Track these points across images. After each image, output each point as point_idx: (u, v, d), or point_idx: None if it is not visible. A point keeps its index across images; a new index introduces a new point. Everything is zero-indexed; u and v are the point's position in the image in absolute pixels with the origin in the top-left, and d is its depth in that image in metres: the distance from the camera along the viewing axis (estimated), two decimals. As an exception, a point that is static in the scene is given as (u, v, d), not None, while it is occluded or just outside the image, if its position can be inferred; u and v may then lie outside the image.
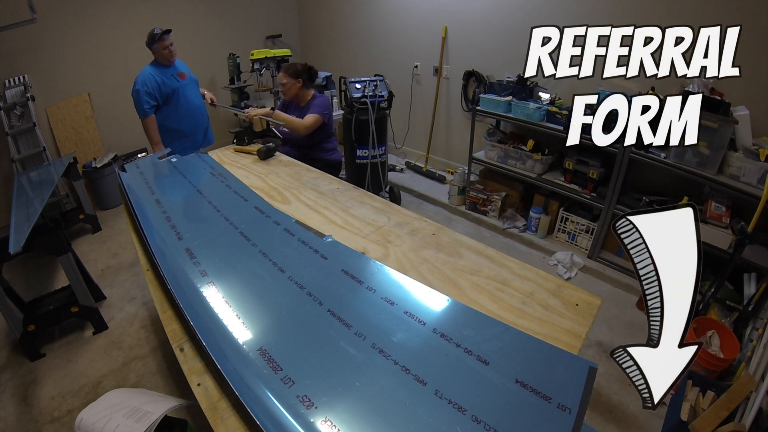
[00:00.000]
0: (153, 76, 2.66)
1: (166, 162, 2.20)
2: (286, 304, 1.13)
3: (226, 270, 1.29)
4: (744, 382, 1.54)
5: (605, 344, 2.16)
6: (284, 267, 1.26)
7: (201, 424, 1.58)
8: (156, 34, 2.63)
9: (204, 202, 1.74)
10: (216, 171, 2.05)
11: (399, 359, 0.92)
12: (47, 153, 3.31)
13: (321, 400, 0.84)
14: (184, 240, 1.44)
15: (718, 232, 2.18)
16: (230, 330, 1.04)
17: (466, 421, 0.78)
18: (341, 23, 4.52)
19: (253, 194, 1.76)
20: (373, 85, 3.14)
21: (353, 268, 1.24)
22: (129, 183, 1.92)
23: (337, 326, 1.03)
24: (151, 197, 1.79)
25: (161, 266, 1.26)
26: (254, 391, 0.86)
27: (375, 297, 1.12)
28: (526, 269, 1.26)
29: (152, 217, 1.61)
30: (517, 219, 3.20)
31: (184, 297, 1.15)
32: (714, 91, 2.21)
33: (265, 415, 0.81)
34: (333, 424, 0.79)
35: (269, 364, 0.93)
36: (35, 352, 2.12)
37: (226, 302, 1.14)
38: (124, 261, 2.97)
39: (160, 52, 2.67)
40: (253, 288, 1.20)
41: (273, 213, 1.59)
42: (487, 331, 0.99)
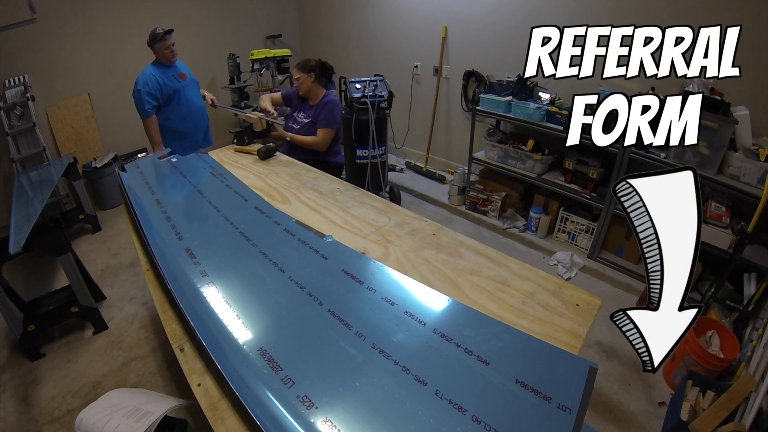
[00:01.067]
0: (154, 77, 2.66)
1: (167, 162, 2.20)
2: (286, 304, 1.12)
3: (226, 270, 1.29)
4: (744, 382, 1.54)
5: (605, 344, 2.16)
6: (284, 267, 1.26)
7: (201, 424, 1.58)
8: (158, 34, 2.62)
9: (204, 202, 1.74)
10: (216, 171, 2.05)
11: (399, 359, 0.92)
12: (47, 153, 3.31)
13: (321, 401, 0.84)
14: (185, 240, 1.44)
15: (718, 232, 2.18)
16: (230, 330, 1.04)
17: (466, 421, 0.78)
18: (341, 23, 4.52)
19: (253, 194, 1.76)
20: (373, 85, 3.14)
21: (353, 268, 1.24)
22: (129, 183, 1.91)
23: (338, 326, 1.02)
24: (151, 197, 1.79)
25: (161, 266, 1.26)
26: (254, 391, 0.86)
27: (375, 297, 1.12)
28: (526, 269, 1.26)
29: (152, 217, 1.61)
30: (517, 219, 3.20)
31: (184, 297, 1.14)
32: (714, 91, 2.21)
33: (265, 415, 0.81)
34: (333, 425, 0.79)
35: (269, 365, 0.93)
36: (35, 352, 2.12)
37: (226, 302, 1.14)
38: (124, 261, 2.97)
39: (162, 51, 2.66)
40: (254, 288, 1.20)
41: (273, 213, 1.59)
42: (488, 331, 0.99)
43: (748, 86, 2.15)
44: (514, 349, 0.94)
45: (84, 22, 3.48)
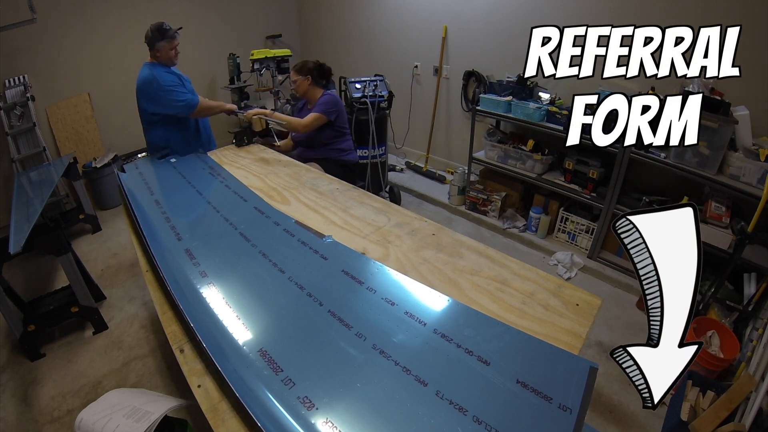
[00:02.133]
0: (165, 73, 2.38)
1: (166, 162, 2.20)
2: (286, 305, 1.12)
3: (225, 270, 1.29)
4: (744, 382, 1.54)
5: (605, 344, 2.16)
6: (284, 267, 1.26)
7: (201, 425, 1.58)
8: (166, 30, 2.32)
9: (203, 203, 1.74)
10: (215, 171, 2.05)
11: (400, 360, 0.92)
12: (47, 153, 3.30)
13: (322, 401, 0.84)
14: (184, 240, 1.44)
15: (718, 232, 2.18)
16: (230, 331, 1.04)
17: (467, 421, 0.78)
18: (341, 23, 4.52)
19: (253, 194, 1.76)
20: (373, 85, 3.14)
21: (353, 268, 1.24)
22: (128, 184, 1.92)
23: (338, 327, 1.02)
24: (150, 197, 1.79)
25: (161, 267, 1.26)
26: (255, 392, 0.86)
27: (375, 297, 1.12)
28: (526, 269, 1.26)
29: (152, 217, 1.61)
30: (517, 219, 3.20)
31: (183, 298, 1.14)
32: (714, 91, 2.21)
33: (265, 416, 0.80)
34: (334, 425, 0.79)
35: (270, 365, 0.93)
36: (35, 352, 2.12)
37: (226, 303, 1.14)
38: (124, 261, 2.97)
39: (167, 51, 2.37)
40: (253, 288, 1.20)
41: (273, 213, 1.59)
42: (488, 332, 0.99)
43: (748, 86, 2.15)
44: (515, 349, 0.94)
45: (84, 22, 3.48)
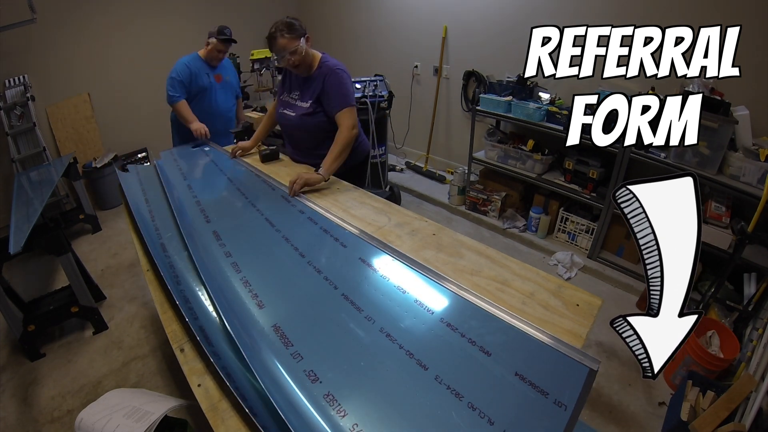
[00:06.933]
0: (187, 67, 2.61)
1: (199, 151, 2.34)
2: (303, 286, 1.18)
3: (249, 252, 1.37)
4: (744, 382, 1.54)
5: (605, 344, 2.16)
6: (305, 252, 1.32)
7: (201, 425, 1.58)
8: (225, 32, 2.60)
9: (233, 189, 1.84)
10: (241, 161, 2.16)
11: (404, 344, 0.95)
12: (47, 153, 3.31)
13: (326, 377, 0.88)
14: (212, 222, 1.54)
15: (718, 232, 2.18)
16: (248, 307, 1.10)
17: (462, 406, 0.80)
18: (341, 23, 4.52)
19: (280, 183, 1.85)
20: (373, 85, 3.14)
21: (370, 256, 1.28)
22: (165, 169, 2.02)
23: (349, 309, 1.06)
24: (183, 182, 1.91)
25: (190, 246, 1.32)
26: (265, 360, 0.91)
27: (389, 284, 1.15)
28: (526, 269, 1.26)
29: (184, 200, 1.72)
30: (517, 219, 3.20)
31: (207, 273, 1.20)
32: (714, 91, 2.21)
33: (273, 385, 0.85)
34: (334, 398, 0.83)
35: (281, 339, 0.98)
36: (35, 352, 2.12)
37: (246, 280, 1.20)
38: (124, 261, 2.97)
39: (213, 48, 2.63)
40: (273, 269, 1.27)
41: (297, 202, 1.67)
42: (493, 325, 1.00)
43: (748, 86, 2.15)
44: (517, 343, 0.95)
45: (84, 22, 3.48)
